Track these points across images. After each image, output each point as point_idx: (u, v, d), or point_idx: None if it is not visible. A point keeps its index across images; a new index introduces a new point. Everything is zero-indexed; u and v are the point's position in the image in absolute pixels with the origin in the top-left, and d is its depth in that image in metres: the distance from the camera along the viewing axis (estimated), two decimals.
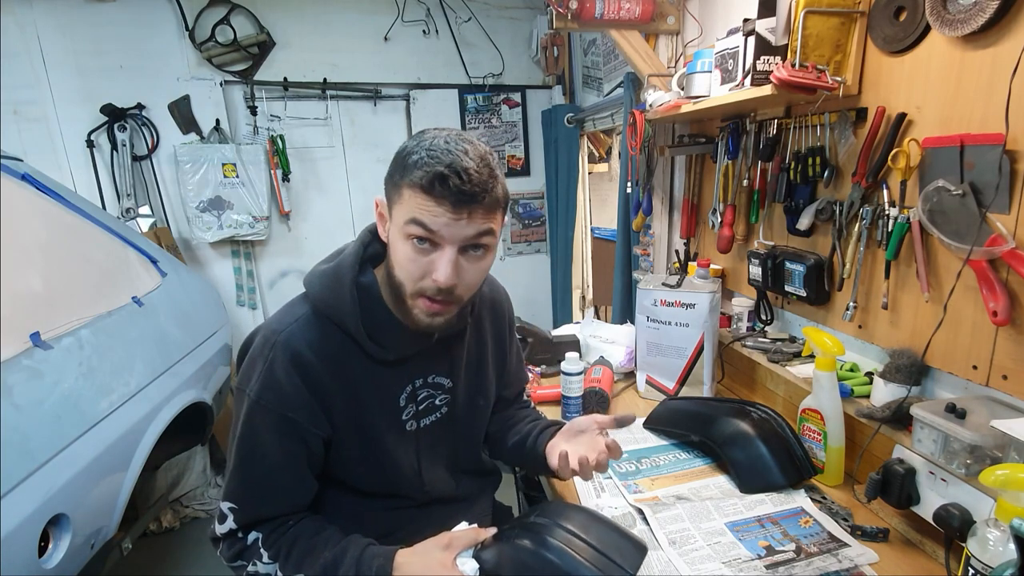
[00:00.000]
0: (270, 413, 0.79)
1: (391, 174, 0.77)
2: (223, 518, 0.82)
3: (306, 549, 0.82)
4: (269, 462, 0.81)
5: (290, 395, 0.80)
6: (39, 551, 1.13)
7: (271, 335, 0.82)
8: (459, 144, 0.73)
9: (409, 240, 0.75)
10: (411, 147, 0.75)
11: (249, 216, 2.60)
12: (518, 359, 1.15)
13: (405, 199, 0.74)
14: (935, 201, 0.93)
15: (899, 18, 1.02)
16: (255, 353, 0.82)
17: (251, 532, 0.82)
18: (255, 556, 0.81)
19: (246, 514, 0.82)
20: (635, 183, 1.95)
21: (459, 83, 2.95)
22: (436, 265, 0.75)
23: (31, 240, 1.42)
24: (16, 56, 2.31)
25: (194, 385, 1.84)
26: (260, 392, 0.79)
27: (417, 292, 0.78)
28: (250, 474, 0.82)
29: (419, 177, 0.71)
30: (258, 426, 0.80)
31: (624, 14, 1.66)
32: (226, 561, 0.84)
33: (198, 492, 2.56)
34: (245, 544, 0.82)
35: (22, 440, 1.11)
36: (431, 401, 0.94)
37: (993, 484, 0.66)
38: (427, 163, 0.71)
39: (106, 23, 2.39)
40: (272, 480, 0.82)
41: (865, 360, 1.21)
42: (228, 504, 0.82)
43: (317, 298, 0.84)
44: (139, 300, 1.70)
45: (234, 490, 0.82)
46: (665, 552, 0.90)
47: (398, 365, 0.88)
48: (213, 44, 2.50)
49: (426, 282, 0.77)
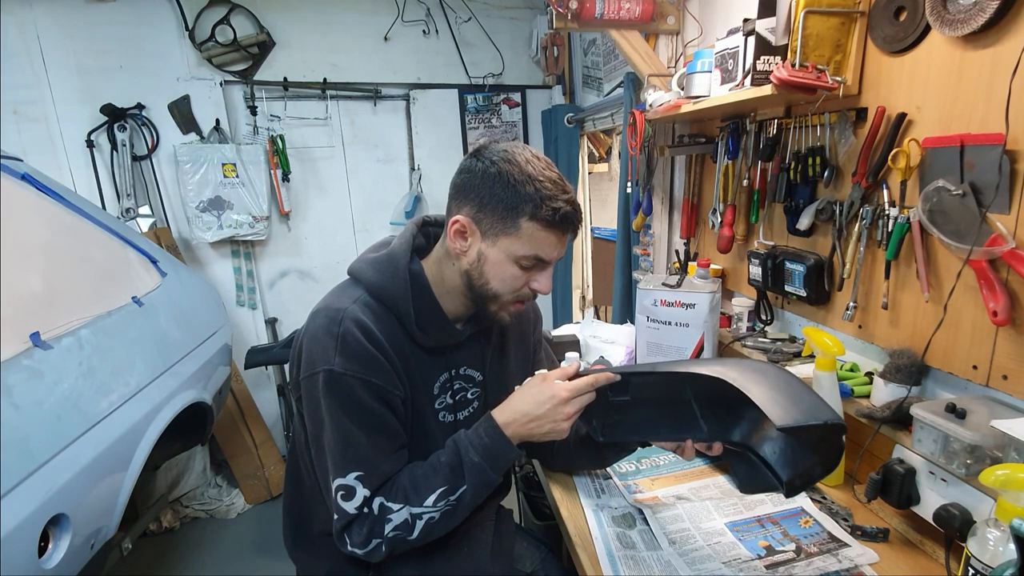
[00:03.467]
0: (356, 380, 0.83)
1: (497, 204, 0.82)
2: (351, 493, 0.83)
3: (423, 475, 0.86)
4: (371, 422, 0.85)
5: (368, 362, 0.84)
6: (39, 551, 1.13)
7: (335, 313, 0.85)
8: (552, 169, 0.83)
9: (518, 264, 0.85)
10: (516, 177, 0.80)
11: (249, 216, 2.60)
12: (549, 360, 1.18)
13: (525, 234, 0.82)
14: (935, 201, 0.93)
15: (899, 18, 1.02)
16: (320, 333, 0.85)
17: (374, 500, 0.84)
18: (386, 516, 0.83)
19: (373, 478, 0.84)
20: (635, 183, 1.95)
21: (459, 83, 2.94)
22: (538, 279, 0.88)
23: (31, 240, 1.42)
24: (16, 56, 2.30)
25: (194, 385, 1.83)
26: (342, 363, 0.82)
27: (513, 299, 0.89)
28: (360, 438, 0.84)
29: (545, 214, 0.80)
30: (348, 393, 0.83)
31: (624, 14, 1.66)
32: (360, 548, 0.84)
33: (198, 492, 2.56)
34: (374, 515, 0.83)
35: (22, 440, 1.11)
36: (464, 394, 0.98)
37: (993, 484, 0.66)
38: (548, 199, 0.80)
39: (106, 23, 2.39)
40: (379, 439, 0.86)
41: (865, 360, 1.21)
42: (354, 474, 0.83)
43: (371, 282, 0.89)
44: (139, 300, 1.70)
45: (350, 458, 0.83)
46: (665, 552, 0.90)
47: (436, 354, 0.93)
48: (213, 44, 2.50)
49: (524, 291, 0.88)
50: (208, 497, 2.57)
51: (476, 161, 0.85)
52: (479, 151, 0.86)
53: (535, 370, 1.11)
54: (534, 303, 1.12)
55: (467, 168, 0.86)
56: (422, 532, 0.84)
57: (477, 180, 0.83)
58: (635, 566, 0.88)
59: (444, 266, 0.91)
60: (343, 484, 0.83)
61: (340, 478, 0.83)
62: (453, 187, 0.88)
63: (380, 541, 0.83)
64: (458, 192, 0.87)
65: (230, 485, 2.64)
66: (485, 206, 0.83)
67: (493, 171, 0.82)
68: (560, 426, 0.86)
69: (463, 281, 0.89)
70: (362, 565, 0.93)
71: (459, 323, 0.95)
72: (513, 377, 1.05)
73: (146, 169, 2.54)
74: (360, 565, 0.93)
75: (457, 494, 0.84)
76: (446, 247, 0.89)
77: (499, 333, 1.04)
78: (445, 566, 0.95)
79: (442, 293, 0.91)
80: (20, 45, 2.31)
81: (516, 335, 1.08)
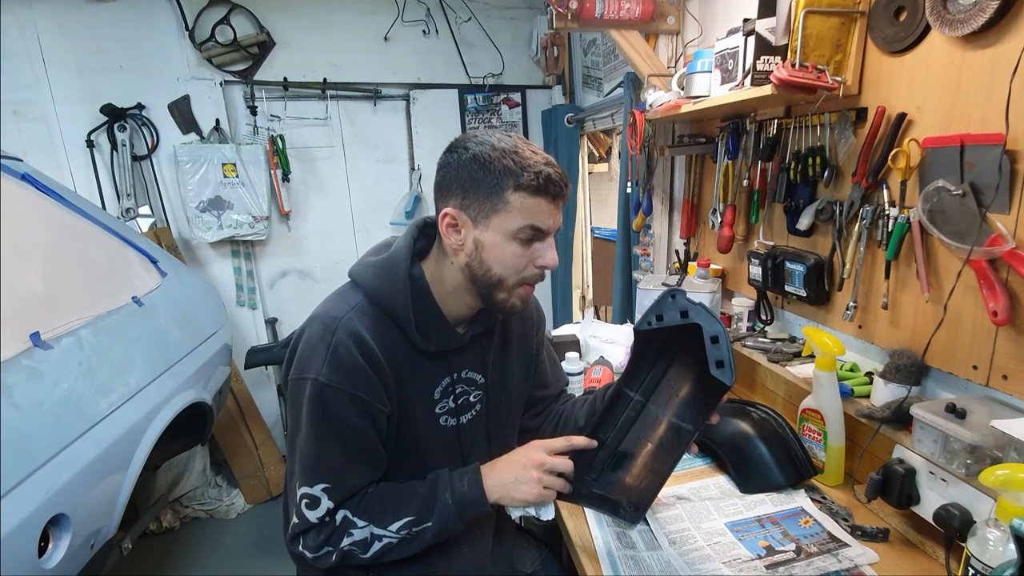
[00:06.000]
0: (341, 393, 0.82)
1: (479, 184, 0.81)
2: (314, 503, 0.83)
3: (395, 499, 0.86)
4: (348, 436, 0.84)
5: (356, 375, 0.83)
6: (39, 551, 1.13)
7: (331, 321, 0.85)
8: (525, 142, 0.83)
9: (516, 239, 0.82)
10: (489, 154, 0.80)
11: (249, 216, 2.60)
12: (552, 361, 1.17)
13: (514, 206, 0.80)
14: (935, 201, 0.93)
15: (899, 18, 1.02)
16: (314, 340, 0.85)
17: (339, 511, 0.84)
18: (347, 529, 0.84)
19: (340, 491, 0.84)
20: (635, 183, 1.95)
21: (459, 83, 2.94)
22: (542, 252, 0.84)
23: (31, 240, 1.42)
24: (16, 56, 2.30)
25: (194, 385, 1.83)
26: (329, 374, 0.82)
27: (519, 281, 0.86)
28: (334, 451, 0.84)
29: (529, 180, 0.79)
30: (331, 406, 0.83)
31: (624, 14, 1.66)
32: (311, 553, 0.84)
33: (198, 492, 2.56)
34: (335, 526, 0.84)
35: (22, 440, 1.11)
36: (466, 397, 0.97)
37: (993, 484, 0.66)
38: (528, 166, 0.78)
39: (106, 23, 2.39)
40: (354, 453, 0.86)
41: (865, 360, 1.21)
42: (321, 485, 0.83)
43: (369, 287, 0.88)
44: (139, 300, 1.70)
45: (322, 469, 0.84)
46: (665, 552, 0.90)
47: (438, 358, 0.92)
48: (213, 44, 2.50)
49: (529, 270, 0.85)
50: (208, 497, 2.56)
51: (450, 155, 0.85)
52: (451, 146, 0.86)
53: (538, 372, 1.11)
54: (536, 303, 1.11)
55: (443, 164, 0.86)
56: (376, 553, 0.84)
57: (454, 171, 0.83)
58: (635, 566, 0.88)
59: (443, 267, 0.90)
60: (308, 493, 0.83)
61: (307, 487, 0.83)
62: (436, 187, 0.88)
63: (333, 551, 0.84)
64: (440, 189, 0.87)
65: (230, 485, 2.64)
66: (468, 192, 0.82)
67: (467, 157, 0.81)
68: (531, 488, 0.83)
69: (465, 276, 0.87)
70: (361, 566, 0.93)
71: (460, 326, 0.94)
72: (515, 378, 1.05)
73: (146, 169, 2.54)
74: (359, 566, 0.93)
75: (420, 527, 0.84)
76: (443, 247, 0.89)
77: (501, 334, 1.02)
78: (445, 567, 0.95)
79: (442, 296, 0.90)
80: (20, 45, 2.30)
81: (518, 335, 1.07)
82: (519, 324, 1.07)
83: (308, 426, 0.84)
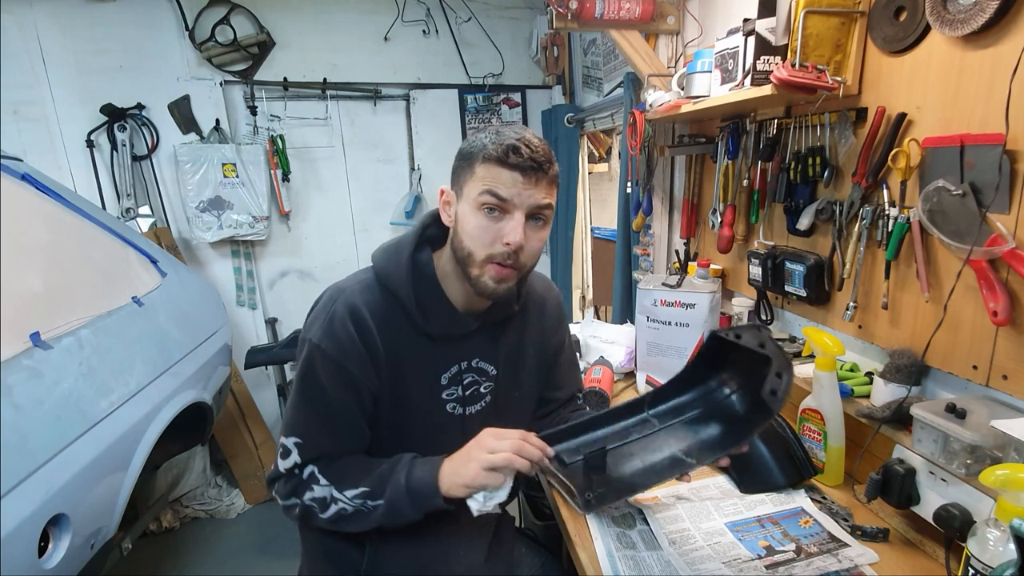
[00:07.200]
0: (328, 360, 0.86)
1: (462, 160, 0.86)
2: (287, 453, 0.88)
3: (358, 469, 0.88)
4: (327, 401, 0.87)
5: (346, 346, 0.86)
6: (39, 551, 1.13)
7: (336, 292, 0.90)
8: (522, 129, 0.84)
9: (481, 210, 0.82)
10: (479, 137, 0.84)
11: (249, 216, 2.60)
12: (570, 363, 1.17)
13: (478, 175, 0.82)
14: (935, 201, 0.93)
15: (899, 18, 1.02)
16: (320, 307, 0.91)
17: (307, 466, 0.88)
18: (311, 484, 0.87)
19: (309, 449, 0.88)
20: (635, 183, 1.95)
21: (459, 83, 2.94)
22: (507, 229, 0.82)
23: (31, 240, 1.42)
24: (16, 56, 2.30)
25: (194, 385, 1.84)
26: (321, 338, 0.86)
27: (487, 258, 0.84)
28: (312, 410, 0.88)
29: (492, 149, 0.80)
30: (317, 368, 0.87)
31: (624, 14, 1.66)
32: (281, 499, 0.90)
33: (198, 492, 2.56)
34: (301, 478, 0.87)
35: (22, 440, 1.11)
36: (476, 388, 0.98)
37: (993, 484, 0.66)
38: (498, 140, 0.81)
39: (106, 23, 2.39)
40: (331, 419, 0.89)
41: (865, 360, 1.21)
42: (294, 439, 0.88)
43: (378, 267, 0.93)
44: (139, 300, 1.70)
45: (299, 424, 0.88)
46: (665, 552, 0.90)
47: (446, 344, 0.93)
48: (213, 44, 2.50)
49: (496, 247, 0.83)
50: (208, 497, 2.57)
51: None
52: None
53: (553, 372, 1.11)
54: (559, 303, 1.12)
55: None
56: (332, 516, 0.86)
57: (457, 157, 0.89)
58: (635, 566, 0.88)
59: (446, 251, 0.93)
60: (284, 443, 0.88)
61: (284, 437, 0.88)
62: None
63: (297, 503, 0.88)
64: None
65: (230, 485, 2.64)
66: (456, 170, 0.88)
67: (468, 142, 0.87)
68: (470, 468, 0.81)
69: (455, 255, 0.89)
70: (357, 544, 0.95)
71: (471, 316, 0.94)
72: (529, 376, 1.05)
73: (146, 169, 2.54)
74: (356, 544, 0.95)
75: (374, 503, 0.85)
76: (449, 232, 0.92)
77: (517, 329, 1.02)
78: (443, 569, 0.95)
79: (445, 278, 0.92)
80: (20, 45, 2.31)
81: (536, 333, 1.06)
82: (537, 320, 1.07)
83: (297, 382, 0.89)
